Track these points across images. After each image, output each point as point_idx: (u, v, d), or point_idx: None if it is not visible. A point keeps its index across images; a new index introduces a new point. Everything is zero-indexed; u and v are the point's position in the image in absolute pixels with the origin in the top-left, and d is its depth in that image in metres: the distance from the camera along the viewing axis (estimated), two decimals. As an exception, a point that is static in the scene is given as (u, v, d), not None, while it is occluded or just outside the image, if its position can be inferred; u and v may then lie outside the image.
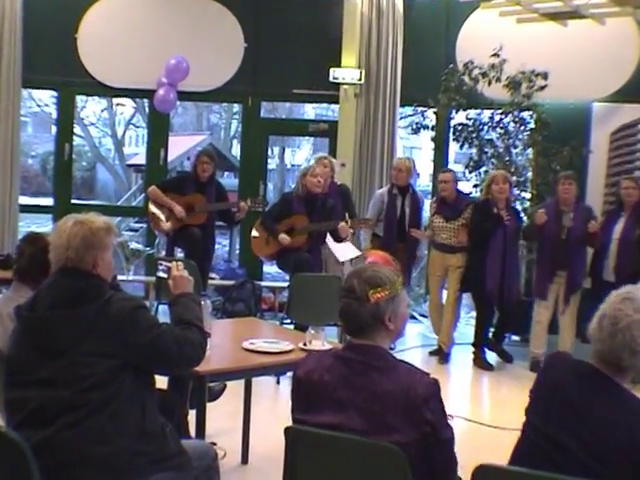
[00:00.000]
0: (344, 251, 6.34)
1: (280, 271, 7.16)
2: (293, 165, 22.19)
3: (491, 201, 6.35)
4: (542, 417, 2.22)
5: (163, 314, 4.99)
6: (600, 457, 2.07)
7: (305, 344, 3.52)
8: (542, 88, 7.27)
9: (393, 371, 2.23)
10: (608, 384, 2.19)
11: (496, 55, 7.28)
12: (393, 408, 2.16)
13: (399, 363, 2.29)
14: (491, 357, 6.66)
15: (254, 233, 6.51)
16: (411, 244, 6.87)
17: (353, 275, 2.34)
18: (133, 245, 8.34)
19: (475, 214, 6.44)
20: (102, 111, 21.06)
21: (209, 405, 3.26)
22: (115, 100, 18.87)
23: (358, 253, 6.14)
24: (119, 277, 6.33)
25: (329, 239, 6.35)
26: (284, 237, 6.19)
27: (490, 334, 6.74)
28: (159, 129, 8.72)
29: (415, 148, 25.88)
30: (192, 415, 3.40)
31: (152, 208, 6.78)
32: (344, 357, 2.30)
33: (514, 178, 7.32)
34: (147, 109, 9.48)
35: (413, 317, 8.29)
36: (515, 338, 7.45)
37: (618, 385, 2.19)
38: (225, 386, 4.47)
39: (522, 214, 6.94)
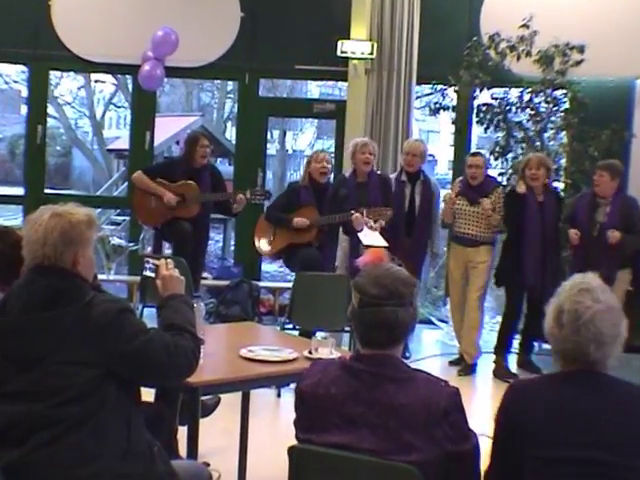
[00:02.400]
0: (370, 236, 6.26)
1: (281, 269, 7.17)
2: (295, 151, 22.19)
3: (527, 186, 6.36)
4: (549, 445, 2.19)
5: (149, 319, 4.99)
6: (630, 453, 2.13)
7: (310, 352, 3.53)
8: (578, 63, 7.27)
9: (410, 382, 2.24)
10: (597, 378, 2.24)
11: (525, 26, 7.27)
12: (411, 424, 2.17)
13: (416, 373, 2.30)
14: (518, 369, 6.66)
15: (258, 230, 6.50)
16: (420, 239, 6.83)
17: (383, 277, 2.33)
18: (115, 240, 8.34)
19: (508, 200, 6.43)
20: (79, 89, 21.04)
21: (202, 421, 3.27)
22: (94, 76, 18.84)
23: (384, 243, 6.09)
24: (99, 276, 6.34)
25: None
26: (300, 220, 6.16)
27: (515, 341, 6.73)
28: (144, 109, 8.72)
29: (433, 132, 25.90)
30: (183, 432, 3.41)
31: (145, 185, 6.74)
32: (353, 368, 2.31)
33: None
34: (130, 87, 9.49)
35: (431, 322, 8.30)
36: (547, 346, 7.44)
37: (605, 375, 2.25)
38: (219, 399, 4.48)
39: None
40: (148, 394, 3.19)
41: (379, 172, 6.92)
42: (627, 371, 7.09)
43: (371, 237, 6.15)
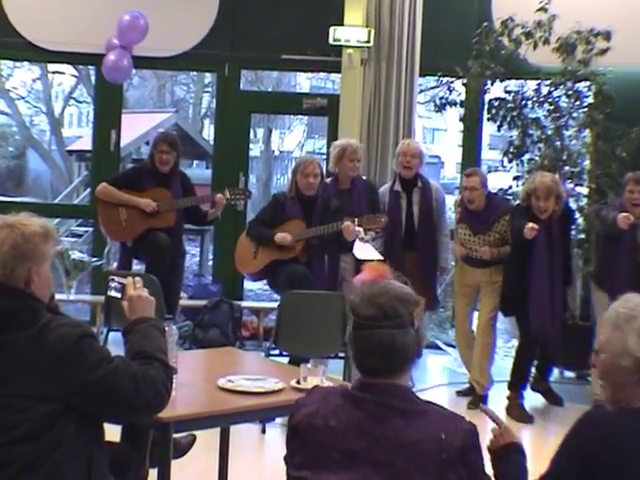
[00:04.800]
0: (364, 249, 6.29)
1: (267, 287, 7.17)
2: (282, 152, 22.22)
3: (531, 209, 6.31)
4: None
5: (114, 344, 4.98)
6: None
7: (299, 382, 3.52)
8: (603, 52, 7.30)
9: (421, 416, 2.25)
10: None
11: (543, 9, 7.31)
12: (421, 463, 2.17)
13: (429, 405, 2.30)
14: (536, 399, 6.66)
15: (239, 247, 6.51)
16: (425, 254, 6.85)
17: (378, 296, 2.32)
18: (76, 255, 8.33)
19: (515, 220, 6.34)
20: (34, 81, 21.04)
21: (174, 462, 3.26)
22: (51, 67, 18.86)
23: (378, 257, 6.12)
24: (57, 296, 6.31)
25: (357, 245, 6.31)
26: (283, 235, 6.18)
27: (533, 368, 6.72)
28: (109, 105, 8.72)
29: (439, 130, 25.99)
30: (153, 475, 3.39)
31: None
32: (356, 397, 2.31)
33: (567, 168, 7.35)
34: (94, 79, 9.49)
35: (437, 347, 8.30)
36: (569, 374, 7.46)
37: None
38: (195, 437, 4.46)
39: (576, 214, 6.95)
40: (113, 432, 3.18)
41: (364, 177, 6.96)
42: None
43: (365, 250, 6.17)
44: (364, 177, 7.00)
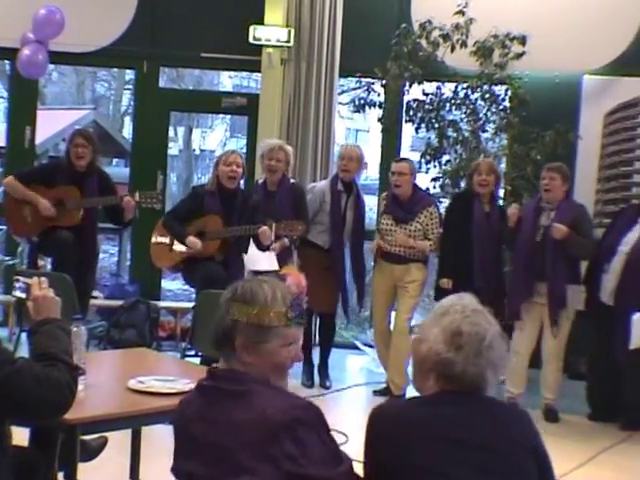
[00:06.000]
0: (258, 259, 6.34)
1: (185, 287, 7.13)
2: (203, 150, 22.09)
3: (474, 193, 6.49)
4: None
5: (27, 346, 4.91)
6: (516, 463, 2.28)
7: (208, 382, 3.50)
8: (519, 56, 7.41)
9: (247, 396, 2.27)
10: (482, 400, 2.35)
11: (461, 13, 7.38)
12: (247, 441, 2.18)
13: (264, 388, 2.30)
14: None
15: (154, 238, 6.47)
16: (355, 256, 6.94)
17: (239, 282, 2.43)
18: (-14, 254, 8.20)
19: (453, 206, 6.62)
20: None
21: (85, 465, 3.23)
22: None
23: (275, 267, 6.17)
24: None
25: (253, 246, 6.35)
26: (193, 240, 6.17)
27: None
28: (24, 101, 8.62)
29: (361, 131, 26.03)
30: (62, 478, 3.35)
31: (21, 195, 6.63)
32: (201, 385, 2.41)
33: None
34: (8, 74, 9.31)
35: (355, 347, 8.34)
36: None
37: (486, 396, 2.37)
38: (106, 440, 4.41)
39: None
40: (21, 436, 3.13)
41: (293, 180, 6.97)
42: (573, 398, 7.25)
43: (258, 259, 6.21)
44: (292, 180, 6.97)
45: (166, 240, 6.40)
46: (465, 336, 2.29)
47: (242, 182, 6.72)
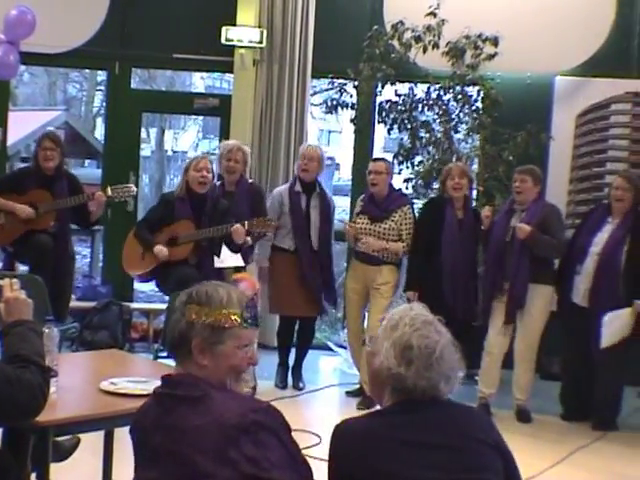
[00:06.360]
0: (224, 257, 6.35)
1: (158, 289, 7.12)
2: (175, 152, 22.04)
3: (446, 199, 6.50)
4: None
5: None
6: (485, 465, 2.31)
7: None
8: (491, 57, 7.43)
9: (202, 400, 2.27)
10: (438, 403, 2.37)
11: (433, 14, 7.40)
12: (203, 445, 2.18)
13: (213, 390, 2.31)
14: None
15: (126, 248, 6.44)
16: (324, 257, 6.93)
17: (194, 287, 2.43)
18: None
19: (424, 214, 6.62)
20: None
21: (58, 466, 3.23)
22: None
23: (240, 263, 6.19)
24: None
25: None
26: (160, 249, 6.17)
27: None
28: (-5, 102, 8.54)
29: (334, 132, 26.08)
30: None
31: None
32: (157, 393, 2.40)
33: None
34: (-21, 75, 9.24)
35: (328, 348, 8.34)
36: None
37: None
38: (79, 440, 4.39)
39: None
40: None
41: (251, 181, 6.98)
42: (545, 399, 7.28)
43: (227, 258, 6.23)
44: (250, 180, 6.97)
45: (137, 249, 6.38)
46: (415, 350, 2.31)
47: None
